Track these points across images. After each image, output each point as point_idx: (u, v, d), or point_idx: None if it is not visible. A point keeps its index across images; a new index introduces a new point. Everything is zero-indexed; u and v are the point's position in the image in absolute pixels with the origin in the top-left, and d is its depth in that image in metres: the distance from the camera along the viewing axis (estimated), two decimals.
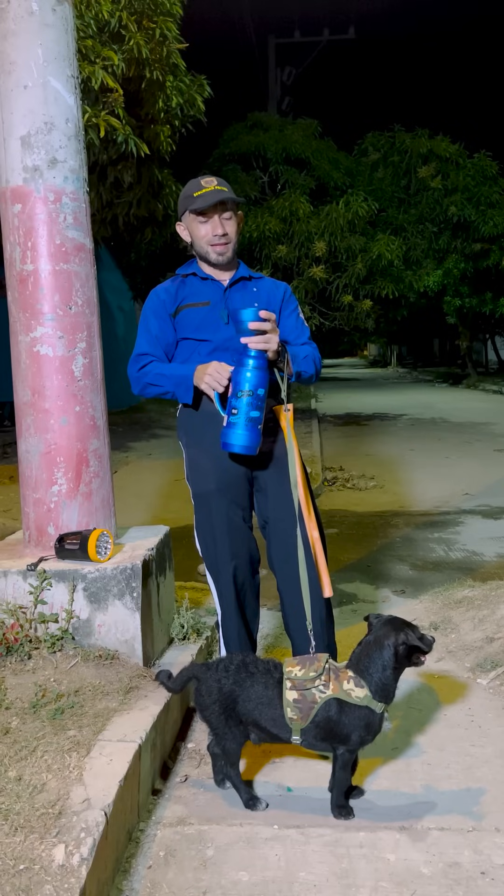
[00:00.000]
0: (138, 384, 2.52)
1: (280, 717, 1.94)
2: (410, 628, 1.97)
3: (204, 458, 2.49)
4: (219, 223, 2.48)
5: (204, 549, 2.55)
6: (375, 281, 12.10)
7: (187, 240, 2.58)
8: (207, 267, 2.56)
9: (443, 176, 13.92)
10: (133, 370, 2.52)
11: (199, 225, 2.51)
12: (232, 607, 2.49)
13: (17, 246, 2.56)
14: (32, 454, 2.61)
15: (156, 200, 8.22)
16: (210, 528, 2.50)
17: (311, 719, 1.93)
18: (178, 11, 6.79)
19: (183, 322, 2.53)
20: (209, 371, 2.33)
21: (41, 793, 1.73)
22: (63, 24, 2.54)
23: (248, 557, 2.52)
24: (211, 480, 2.48)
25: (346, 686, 1.93)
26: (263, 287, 2.60)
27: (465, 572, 4.32)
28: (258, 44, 20.54)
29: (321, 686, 1.94)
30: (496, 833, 1.89)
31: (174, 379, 2.43)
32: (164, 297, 2.55)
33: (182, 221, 2.58)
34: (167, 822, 1.97)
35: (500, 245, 15.54)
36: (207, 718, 2.01)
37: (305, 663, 1.98)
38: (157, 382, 2.47)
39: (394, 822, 1.94)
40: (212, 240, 2.50)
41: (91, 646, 2.44)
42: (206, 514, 2.51)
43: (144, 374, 2.49)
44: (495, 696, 2.65)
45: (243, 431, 2.23)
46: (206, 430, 2.45)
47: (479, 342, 30.84)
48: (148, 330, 2.54)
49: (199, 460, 2.51)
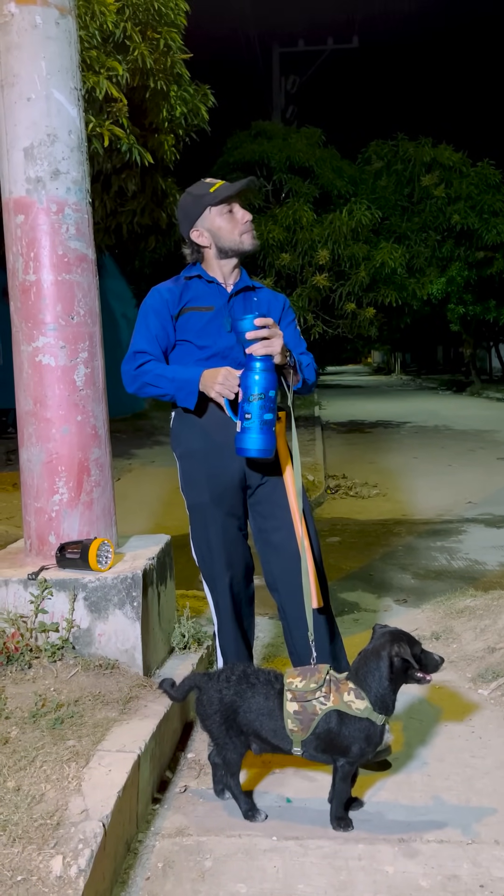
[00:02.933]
0: (134, 382, 2.43)
1: (281, 729, 1.94)
2: (408, 641, 1.96)
3: (197, 468, 2.45)
4: (244, 210, 2.47)
5: (200, 560, 2.52)
6: (379, 289, 12.12)
7: (206, 243, 2.47)
8: (215, 269, 2.49)
9: (446, 184, 13.94)
10: (129, 367, 2.43)
11: (225, 217, 2.44)
12: (229, 617, 2.48)
13: (19, 256, 2.57)
14: (34, 463, 2.62)
15: (160, 209, 8.26)
16: (206, 539, 2.47)
17: (311, 731, 1.92)
18: (182, 22, 6.83)
19: (185, 325, 2.47)
20: (219, 378, 2.28)
21: (39, 803, 1.73)
22: (66, 37, 2.56)
23: (244, 567, 2.51)
24: (205, 491, 2.44)
25: (346, 698, 1.93)
26: (263, 297, 2.59)
27: (467, 581, 4.31)
28: (262, 53, 20.62)
29: (322, 698, 1.93)
30: (496, 846, 1.88)
31: (177, 382, 2.36)
32: (167, 297, 2.47)
33: (197, 227, 2.46)
34: (166, 833, 1.96)
35: (503, 253, 15.56)
36: (209, 728, 2.01)
37: (306, 675, 1.98)
38: (156, 383, 2.39)
39: (393, 835, 1.94)
40: (244, 228, 2.45)
41: (91, 655, 2.44)
42: (201, 526, 2.48)
43: (143, 373, 2.41)
44: (496, 707, 2.64)
45: (258, 435, 2.21)
46: (200, 440, 2.43)
47: (482, 350, 30.85)
48: (147, 328, 2.46)
49: (192, 471, 2.47)
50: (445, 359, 38.45)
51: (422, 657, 1.97)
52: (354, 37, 19.91)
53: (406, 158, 14.11)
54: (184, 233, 2.52)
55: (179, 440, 2.50)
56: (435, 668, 1.98)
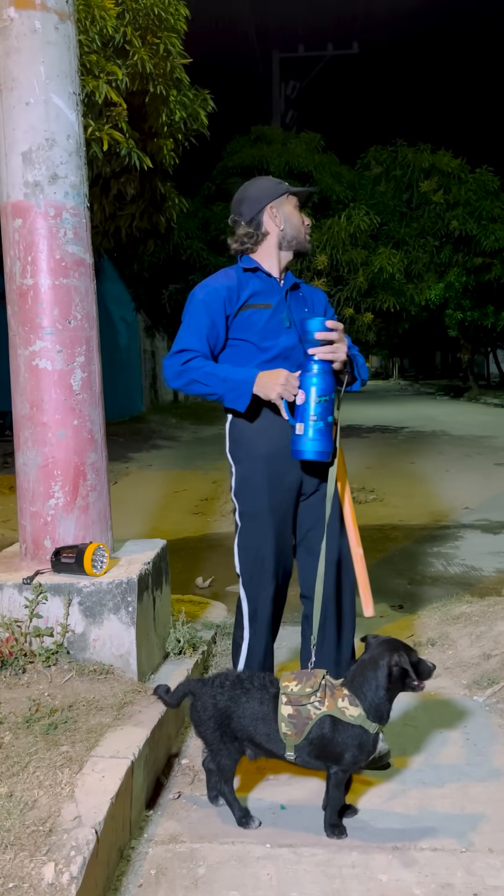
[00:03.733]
0: (180, 378, 2.28)
1: (275, 733, 1.94)
2: (406, 651, 1.96)
3: (259, 474, 2.34)
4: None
5: (244, 568, 2.38)
6: (377, 294, 12.15)
7: (276, 227, 2.40)
8: (272, 261, 2.42)
9: (444, 190, 14.00)
10: (175, 362, 2.29)
11: (296, 210, 2.44)
12: (265, 629, 2.37)
13: (17, 260, 2.57)
14: (30, 467, 2.62)
15: (158, 213, 8.27)
16: (256, 547, 2.34)
17: (305, 735, 1.92)
18: (182, 27, 6.84)
19: (244, 324, 2.35)
20: (281, 381, 2.19)
21: (32, 809, 1.73)
22: (65, 42, 2.57)
23: (287, 578, 2.41)
24: (264, 498, 2.33)
25: (340, 704, 1.92)
26: (308, 294, 2.53)
27: (463, 587, 4.31)
28: (262, 58, 20.69)
29: (317, 702, 1.93)
30: (489, 854, 1.87)
31: (230, 383, 2.23)
32: (224, 295, 2.33)
33: (273, 206, 2.40)
34: (159, 840, 1.96)
35: (501, 259, 15.60)
36: (203, 734, 2.00)
37: (302, 679, 1.98)
38: (205, 381, 2.25)
39: (387, 842, 1.93)
40: (307, 228, 2.46)
41: (86, 660, 2.44)
42: (253, 534, 2.35)
43: (191, 370, 2.26)
44: (492, 714, 2.63)
45: (319, 437, 2.18)
46: (265, 445, 2.33)
47: (480, 355, 30.91)
48: (199, 325, 2.31)
49: (253, 477, 2.35)
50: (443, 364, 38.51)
51: (416, 664, 1.97)
52: (354, 42, 19.99)
53: (405, 164, 14.17)
54: (251, 209, 2.41)
55: (242, 444, 2.38)
56: (428, 674, 1.98)
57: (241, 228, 2.43)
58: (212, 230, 12.27)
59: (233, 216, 2.48)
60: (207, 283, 2.39)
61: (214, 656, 3.08)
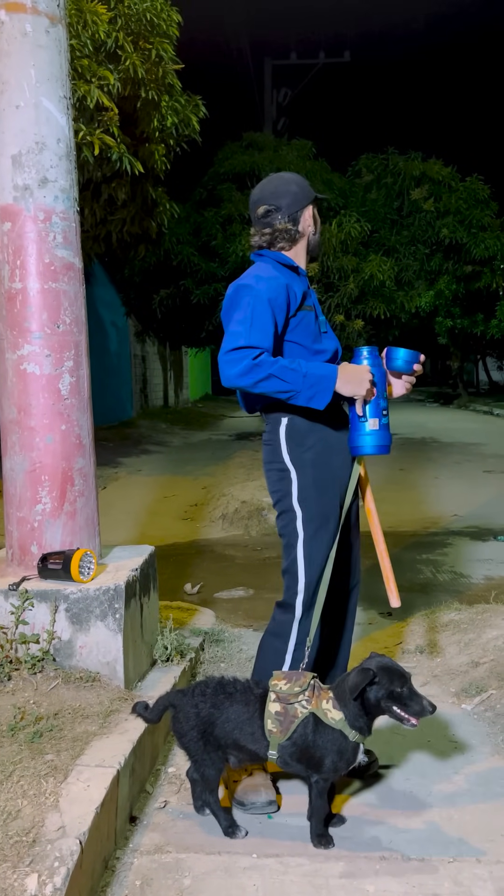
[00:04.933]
0: (251, 374, 2.07)
1: (259, 731, 1.94)
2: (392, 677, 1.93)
3: (329, 476, 2.26)
4: None
5: (309, 575, 2.23)
6: (367, 301, 12.17)
7: (310, 228, 2.36)
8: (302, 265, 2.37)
9: (435, 198, 14.06)
10: (244, 357, 2.07)
11: (316, 216, 2.39)
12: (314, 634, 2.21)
13: (5, 264, 2.56)
14: (17, 472, 2.60)
15: (149, 218, 8.26)
16: (324, 551, 2.24)
17: (289, 735, 1.92)
18: (174, 33, 6.85)
19: (298, 325, 2.25)
20: (368, 376, 2.13)
21: (15, 819, 1.70)
22: (56, 46, 2.56)
23: None
24: (336, 500, 2.27)
25: (324, 705, 1.94)
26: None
27: (451, 595, 4.30)
28: (255, 65, 20.76)
29: (304, 701, 1.95)
30: (477, 864, 1.86)
31: (311, 378, 2.09)
32: (286, 292, 2.20)
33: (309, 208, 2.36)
34: (144, 850, 1.94)
35: (491, 267, 15.68)
36: (185, 745, 1.99)
37: (292, 678, 1.99)
38: (284, 377, 2.08)
39: (374, 852, 1.92)
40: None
41: (72, 667, 2.41)
42: (324, 536, 2.24)
43: (265, 364, 2.07)
44: (479, 722, 2.63)
45: (386, 431, 2.21)
46: (336, 444, 2.27)
47: (470, 363, 31.04)
48: (264, 321, 2.14)
49: (323, 479, 2.25)
50: (433, 371, 38.65)
51: (407, 697, 1.93)
52: (346, 51, 20.10)
53: (396, 172, 14.23)
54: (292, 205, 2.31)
55: (307, 445, 2.25)
56: (419, 713, 1.93)
57: (280, 223, 2.30)
58: (203, 236, 12.26)
59: (266, 206, 2.31)
60: (262, 274, 2.22)
61: (202, 663, 3.06)
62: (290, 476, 2.26)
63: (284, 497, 2.27)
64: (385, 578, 2.38)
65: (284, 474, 2.27)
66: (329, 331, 2.38)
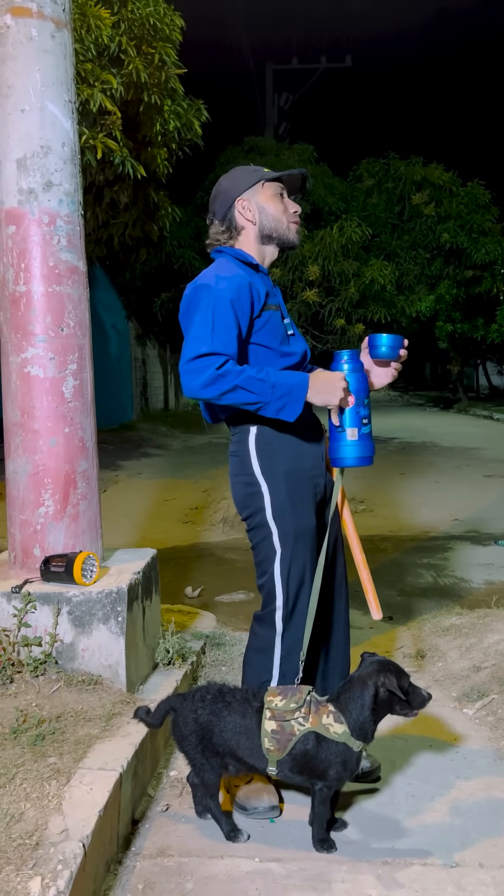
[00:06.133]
0: (216, 386, 1.95)
1: (257, 748, 1.91)
2: (397, 674, 1.93)
3: (305, 489, 2.15)
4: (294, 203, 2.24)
5: (286, 591, 2.13)
6: (368, 305, 12.20)
7: (250, 218, 2.19)
8: (261, 258, 2.22)
9: (436, 203, 14.11)
10: (206, 367, 1.95)
11: (277, 198, 2.19)
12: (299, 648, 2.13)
13: (10, 267, 2.56)
14: (20, 475, 2.60)
15: (151, 222, 8.29)
16: (303, 569, 2.14)
17: (287, 751, 1.90)
18: (177, 38, 6.88)
19: (265, 327, 2.12)
20: (342, 384, 2.00)
21: (19, 822, 1.70)
22: (62, 50, 2.57)
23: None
24: (312, 515, 2.15)
25: (325, 720, 1.90)
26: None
27: (453, 599, 4.31)
28: (256, 70, 20.84)
29: (301, 718, 1.91)
30: (480, 869, 1.86)
31: (281, 388, 1.96)
32: (249, 292, 2.07)
33: (245, 197, 2.18)
34: (147, 854, 1.93)
35: (491, 272, 15.72)
36: (185, 749, 1.98)
37: (287, 694, 1.95)
38: (250, 388, 1.95)
39: (376, 857, 1.91)
40: (292, 216, 2.22)
41: (74, 670, 2.41)
42: (302, 554, 2.14)
43: (230, 375, 1.95)
44: (481, 727, 2.63)
45: (367, 442, 2.07)
46: (308, 456, 2.16)
47: (470, 367, 31.08)
48: (226, 324, 2.01)
49: (298, 492, 2.13)
50: (433, 375, 38.68)
51: (409, 690, 1.93)
52: (348, 56, 20.18)
53: (397, 177, 14.28)
54: (222, 205, 2.22)
55: (279, 457, 2.13)
56: (421, 704, 1.94)
57: (215, 227, 2.24)
58: (204, 239, 12.31)
59: (208, 214, 2.29)
60: (224, 273, 2.09)
61: (204, 667, 3.06)
62: (261, 490, 2.14)
63: (257, 512, 2.15)
64: (364, 590, 2.32)
65: (255, 488, 2.14)
66: (296, 332, 2.26)
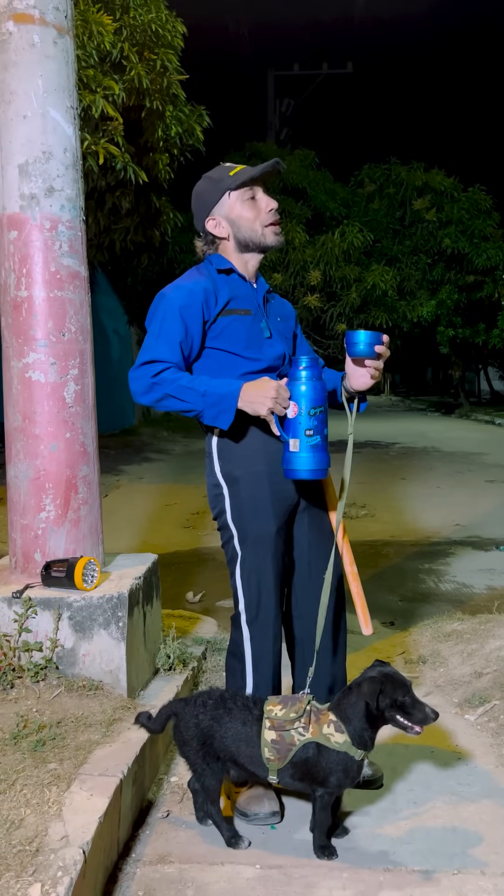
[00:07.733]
0: (151, 393, 2.01)
1: (257, 756, 1.90)
2: (396, 685, 1.90)
3: (262, 494, 2.12)
4: (269, 196, 2.18)
5: (248, 597, 2.16)
6: (369, 310, 12.23)
7: (223, 234, 2.20)
8: (240, 266, 2.22)
9: (437, 208, 14.13)
10: (144, 375, 2.02)
11: (247, 204, 2.16)
12: (269, 654, 2.18)
13: (11, 272, 2.57)
14: (21, 479, 2.60)
15: (153, 227, 8.31)
16: (262, 573, 2.14)
17: (288, 760, 1.89)
18: (178, 44, 6.92)
19: (225, 332, 2.12)
20: (271, 393, 1.94)
21: (19, 828, 1.70)
22: (64, 57, 2.58)
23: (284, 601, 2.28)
24: (272, 521, 2.13)
25: (325, 730, 1.89)
26: (279, 303, 2.36)
27: (454, 604, 4.30)
28: (258, 76, 20.91)
29: (300, 728, 1.89)
30: (482, 876, 1.85)
31: (211, 397, 1.98)
32: (201, 298, 2.09)
33: (214, 215, 2.19)
34: (147, 860, 1.93)
35: (493, 277, 15.72)
36: (186, 754, 1.98)
37: (287, 703, 1.94)
38: (181, 396, 1.99)
39: (378, 864, 1.91)
40: (267, 218, 2.17)
41: (75, 675, 2.41)
42: (261, 559, 2.14)
43: (164, 383, 2.00)
44: (482, 733, 2.62)
45: (315, 454, 1.98)
46: (263, 461, 2.12)
47: (471, 372, 31.07)
48: (171, 331, 2.05)
49: (255, 497, 2.12)
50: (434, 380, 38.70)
51: (410, 705, 1.91)
52: (349, 62, 20.24)
53: (398, 182, 14.31)
54: (198, 224, 2.24)
55: (236, 461, 2.14)
56: (423, 720, 1.90)
57: (199, 242, 2.28)
58: None
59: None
60: (180, 282, 2.14)
61: (205, 672, 3.06)
62: (223, 493, 2.16)
63: (221, 514, 2.19)
64: (355, 604, 2.29)
65: (218, 490, 2.18)
66: (276, 337, 2.23)
